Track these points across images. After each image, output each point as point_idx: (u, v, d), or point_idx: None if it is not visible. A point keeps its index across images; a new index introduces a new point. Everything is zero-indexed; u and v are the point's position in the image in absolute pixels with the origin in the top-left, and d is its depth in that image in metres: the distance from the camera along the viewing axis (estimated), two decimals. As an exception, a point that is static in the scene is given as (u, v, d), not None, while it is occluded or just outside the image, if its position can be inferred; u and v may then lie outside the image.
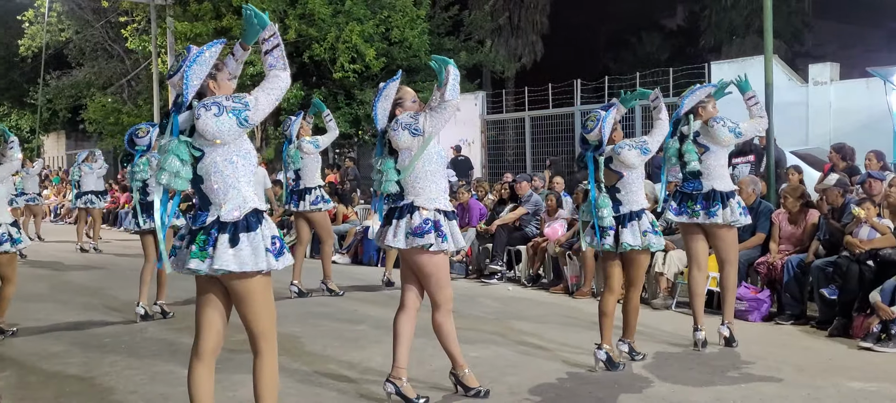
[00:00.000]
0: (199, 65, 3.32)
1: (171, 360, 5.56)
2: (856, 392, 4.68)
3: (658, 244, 5.13)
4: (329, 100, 18.08)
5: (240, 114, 3.28)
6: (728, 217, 5.61)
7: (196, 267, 3.29)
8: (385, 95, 4.46)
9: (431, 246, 4.26)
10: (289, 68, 3.43)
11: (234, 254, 3.26)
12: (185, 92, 3.31)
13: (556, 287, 8.71)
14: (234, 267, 3.26)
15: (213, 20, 17.66)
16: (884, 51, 25.25)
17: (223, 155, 3.32)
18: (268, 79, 3.39)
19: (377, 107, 4.46)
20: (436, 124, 4.27)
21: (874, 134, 11.91)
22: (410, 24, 17.63)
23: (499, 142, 18.96)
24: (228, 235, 3.27)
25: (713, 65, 15.15)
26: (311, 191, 8.15)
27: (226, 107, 3.27)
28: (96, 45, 23.71)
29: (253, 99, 3.33)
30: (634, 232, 5.05)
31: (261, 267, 3.30)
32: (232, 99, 3.31)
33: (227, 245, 3.26)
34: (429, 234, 4.25)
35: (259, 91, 3.36)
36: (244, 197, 3.35)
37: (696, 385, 4.86)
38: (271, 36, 3.41)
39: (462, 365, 4.60)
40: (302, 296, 8.11)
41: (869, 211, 6.32)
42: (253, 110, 3.31)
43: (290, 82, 3.45)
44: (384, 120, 4.46)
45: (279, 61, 3.40)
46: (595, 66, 25.68)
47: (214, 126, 3.25)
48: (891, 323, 5.65)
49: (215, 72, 3.42)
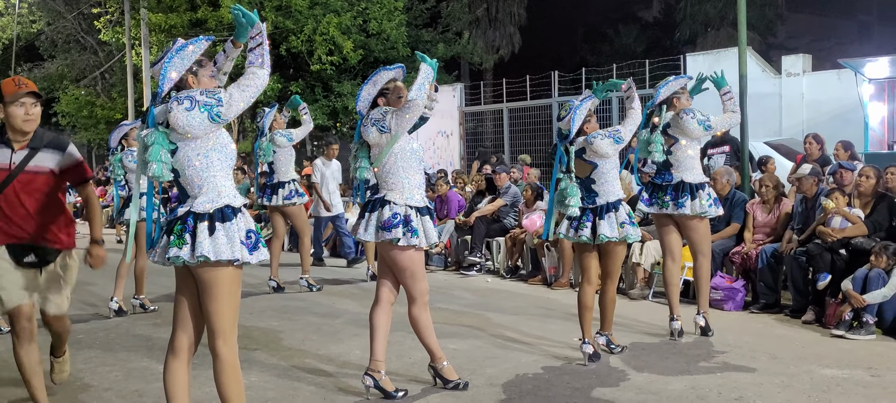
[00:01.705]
0: (180, 58, 3.34)
1: (146, 356, 5.52)
2: (828, 379, 4.75)
3: (635, 235, 5.14)
4: (306, 92, 17.98)
5: (212, 110, 3.28)
6: (697, 208, 5.65)
7: (175, 255, 3.29)
8: (374, 81, 4.45)
9: (399, 241, 4.26)
10: (268, 66, 3.44)
11: (211, 243, 3.27)
12: (161, 83, 3.33)
13: (534, 278, 8.75)
14: (210, 255, 3.26)
15: (187, 11, 17.47)
16: (855, 42, 25.61)
17: (195, 148, 3.31)
18: (245, 75, 3.39)
19: (363, 89, 4.45)
20: (400, 123, 4.25)
21: (846, 124, 12.10)
22: (388, 16, 17.56)
23: (477, 134, 18.98)
24: (206, 223, 3.28)
25: (688, 56, 15.27)
26: (284, 185, 8.08)
27: (198, 102, 3.27)
28: (69, 37, 23.35)
29: (227, 94, 3.33)
30: (611, 223, 5.06)
31: (236, 257, 3.30)
32: (205, 93, 3.31)
33: (205, 233, 3.26)
34: (396, 228, 4.25)
35: (234, 87, 3.36)
36: (219, 190, 3.34)
37: (672, 374, 4.91)
38: (257, 34, 3.44)
39: (440, 358, 4.61)
40: (279, 291, 8.08)
41: (839, 201, 6.41)
42: (226, 106, 3.30)
43: (268, 81, 3.44)
44: (365, 105, 4.45)
45: (259, 59, 3.41)
46: (572, 58, 25.81)
47: (185, 120, 3.25)
48: (862, 311, 5.75)
49: (197, 68, 3.42)
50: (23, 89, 3.90)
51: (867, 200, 6.50)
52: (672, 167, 5.72)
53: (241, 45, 3.57)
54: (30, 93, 3.93)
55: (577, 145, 5.11)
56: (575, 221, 5.15)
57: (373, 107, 4.45)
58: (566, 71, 17.60)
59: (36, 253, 4.07)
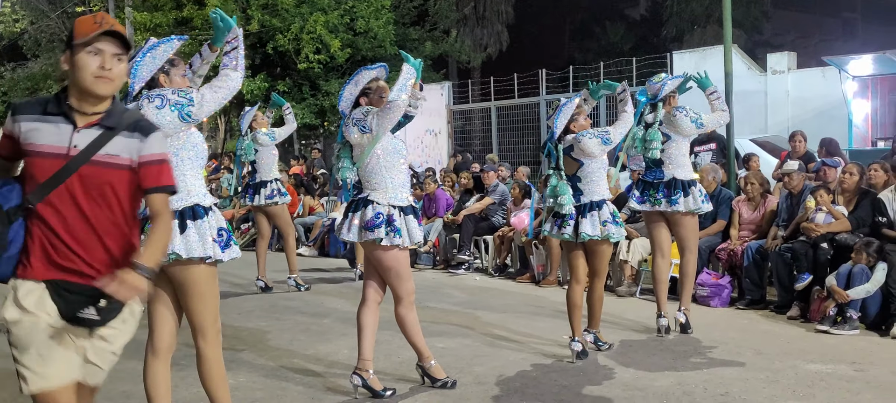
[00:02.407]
0: (151, 57, 3.38)
1: (133, 357, 5.45)
2: (813, 374, 4.80)
3: (618, 234, 5.16)
4: (294, 91, 17.94)
5: (182, 109, 3.31)
6: (690, 205, 5.70)
7: None
8: (356, 81, 4.46)
9: (382, 240, 4.26)
10: (242, 70, 3.48)
11: (183, 240, 3.29)
12: (132, 82, 3.34)
13: (522, 276, 8.77)
14: (182, 252, 3.27)
15: (173, 10, 17.39)
16: (839, 40, 25.80)
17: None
18: (218, 77, 3.43)
19: (345, 89, 4.46)
20: (382, 123, 4.25)
21: (830, 121, 12.20)
22: (375, 14, 17.55)
23: (465, 132, 18.99)
24: (177, 221, 3.29)
25: (675, 54, 15.34)
26: (266, 184, 8.03)
27: (169, 101, 3.30)
28: (52, 36, 23.17)
29: (199, 95, 3.36)
30: (594, 222, 5.08)
31: (207, 254, 3.32)
32: (177, 92, 3.34)
33: (176, 230, 3.27)
34: (379, 228, 4.25)
35: (207, 88, 3.40)
36: (188, 189, 3.37)
37: (658, 370, 4.94)
38: (234, 38, 3.48)
39: (428, 357, 4.62)
40: (267, 291, 8.06)
41: (823, 197, 6.47)
42: (197, 105, 3.33)
43: (241, 84, 3.51)
44: (348, 105, 4.45)
45: (233, 62, 3.45)
46: (560, 56, 25.84)
47: (155, 118, 3.26)
48: (846, 307, 5.81)
49: (169, 67, 3.45)
50: (104, 27, 2.46)
51: (851, 197, 6.56)
52: (664, 164, 5.76)
53: (217, 50, 3.61)
54: (112, 36, 2.47)
55: (566, 142, 5.14)
56: (559, 219, 5.17)
57: (356, 107, 4.45)
58: (554, 69, 17.63)
59: (98, 299, 2.50)
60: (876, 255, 5.87)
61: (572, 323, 5.20)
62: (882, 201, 6.32)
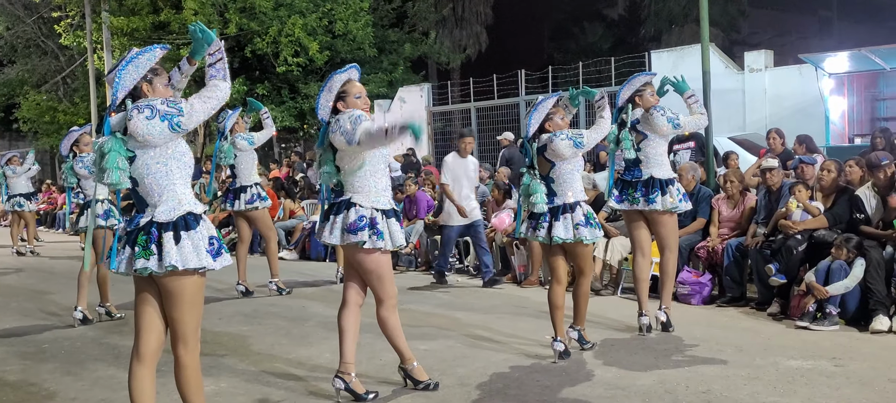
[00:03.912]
0: (134, 66, 3.36)
1: (112, 364, 5.43)
2: (793, 370, 4.83)
3: (592, 236, 5.13)
4: (273, 94, 17.87)
5: (172, 119, 3.30)
6: (667, 203, 5.72)
7: (143, 266, 3.29)
8: (328, 87, 4.42)
9: (365, 243, 4.24)
10: (229, 80, 3.49)
11: (178, 252, 3.28)
12: (115, 92, 3.33)
13: (504, 276, 8.77)
14: (179, 264, 3.27)
15: (150, 15, 17.25)
16: (816, 38, 26.11)
17: (154, 157, 3.32)
18: (207, 87, 3.43)
19: (320, 97, 4.42)
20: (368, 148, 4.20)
21: (807, 118, 12.33)
22: (354, 17, 17.51)
23: (445, 134, 19.00)
24: (171, 233, 3.28)
25: (653, 54, 15.44)
26: (246, 189, 7.97)
27: (158, 111, 3.29)
28: (29, 42, 22.90)
29: (188, 105, 3.35)
30: (567, 225, 5.07)
31: (203, 264, 3.33)
32: (166, 103, 3.33)
33: (172, 242, 3.27)
34: (362, 231, 4.22)
35: (196, 98, 3.39)
36: (179, 198, 3.36)
37: (640, 369, 4.95)
38: (216, 50, 3.48)
39: (410, 359, 4.60)
40: (248, 295, 8.00)
41: (800, 193, 6.53)
42: (187, 116, 3.33)
43: (229, 95, 3.49)
44: (326, 112, 4.41)
45: (220, 72, 3.46)
46: (539, 56, 25.96)
47: (144, 128, 3.26)
48: (825, 303, 5.86)
49: (151, 76, 3.43)
50: None
51: (829, 193, 6.62)
52: (642, 163, 5.77)
53: (196, 63, 3.60)
54: None
55: (541, 141, 5.15)
56: (534, 220, 5.18)
57: (335, 113, 4.40)
58: (533, 69, 17.69)
59: None
60: (855, 251, 5.93)
61: (554, 324, 5.19)
62: (859, 197, 6.38)
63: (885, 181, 6.33)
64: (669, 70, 14.44)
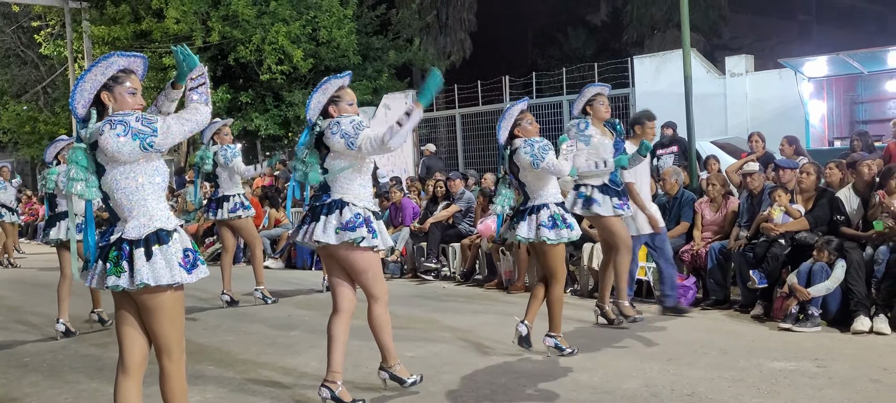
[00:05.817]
0: (92, 76, 3.27)
1: (96, 377, 5.39)
2: (777, 372, 4.88)
3: (555, 237, 5.14)
4: (257, 102, 17.80)
5: (144, 139, 3.21)
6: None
7: (114, 283, 3.23)
8: (323, 89, 4.43)
9: (362, 241, 4.24)
10: (210, 104, 3.45)
11: (150, 268, 3.22)
12: (73, 110, 3.28)
13: (490, 282, 8.79)
14: (151, 281, 3.21)
15: (131, 23, 17.16)
16: (796, 42, 26.35)
17: (123, 172, 3.25)
18: (187, 109, 3.37)
19: (312, 98, 4.43)
20: (372, 154, 4.25)
21: (788, 122, 12.44)
22: (338, 24, 17.51)
23: (430, 140, 18.99)
24: (142, 249, 3.23)
25: (635, 59, 15.52)
26: (229, 198, 7.91)
27: (131, 129, 3.20)
28: (8, 52, 22.70)
29: (165, 125, 3.26)
30: (530, 225, 5.19)
31: (176, 280, 3.26)
32: (141, 120, 3.24)
33: (143, 259, 3.21)
34: (360, 228, 4.24)
35: (174, 119, 3.32)
36: (150, 214, 3.28)
37: (626, 373, 4.98)
38: (199, 75, 3.44)
39: (394, 359, 4.60)
40: (233, 305, 7.96)
41: (781, 197, 6.60)
42: (161, 136, 3.24)
43: (208, 120, 3.44)
44: (316, 113, 4.42)
45: (202, 96, 3.41)
46: (523, 62, 26.04)
47: (114, 145, 3.19)
48: (808, 304, 5.91)
49: (112, 84, 3.31)
50: None
51: (809, 196, 6.69)
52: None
53: (181, 87, 3.52)
54: None
55: (514, 146, 5.26)
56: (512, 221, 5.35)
57: (324, 115, 4.42)
58: (517, 75, 17.75)
59: None
60: (836, 253, 5.99)
61: (527, 308, 5.46)
62: (840, 199, 6.45)
63: (868, 180, 6.41)
64: (652, 75, 14.63)
